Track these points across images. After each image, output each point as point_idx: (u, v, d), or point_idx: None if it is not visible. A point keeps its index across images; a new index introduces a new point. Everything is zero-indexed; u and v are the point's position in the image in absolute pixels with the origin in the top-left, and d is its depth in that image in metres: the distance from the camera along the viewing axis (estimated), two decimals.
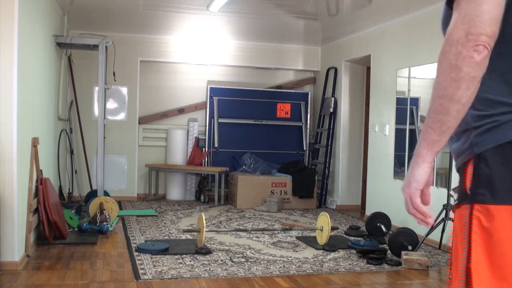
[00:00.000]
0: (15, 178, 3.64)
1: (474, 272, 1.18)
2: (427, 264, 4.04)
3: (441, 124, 1.19)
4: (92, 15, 6.10)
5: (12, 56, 3.59)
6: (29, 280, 3.48)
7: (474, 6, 1.13)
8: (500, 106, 1.21)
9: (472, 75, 1.14)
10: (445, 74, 1.16)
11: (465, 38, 1.13)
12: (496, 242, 1.18)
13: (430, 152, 1.24)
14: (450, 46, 1.15)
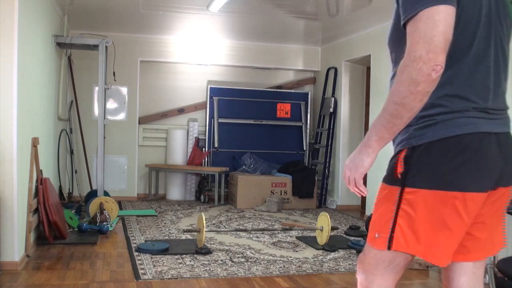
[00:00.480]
0: (15, 178, 3.64)
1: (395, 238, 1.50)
2: (427, 264, 4.04)
3: (393, 125, 1.42)
4: (92, 15, 6.10)
5: (12, 56, 3.59)
6: (29, 280, 3.48)
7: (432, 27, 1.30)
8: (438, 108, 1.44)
9: (427, 90, 1.34)
10: (405, 85, 1.35)
11: (426, 56, 1.30)
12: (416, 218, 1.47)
13: (379, 146, 1.52)
14: (412, 62, 1.32)
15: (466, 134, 1.43)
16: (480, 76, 1.46)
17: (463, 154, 1.43)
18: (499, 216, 1.62)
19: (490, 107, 1.48)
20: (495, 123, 1.49)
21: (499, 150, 1.48)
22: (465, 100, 1.45)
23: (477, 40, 1.45)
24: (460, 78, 1.44)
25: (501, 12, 1.51)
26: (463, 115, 1.44)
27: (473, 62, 1.45)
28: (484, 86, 1.47)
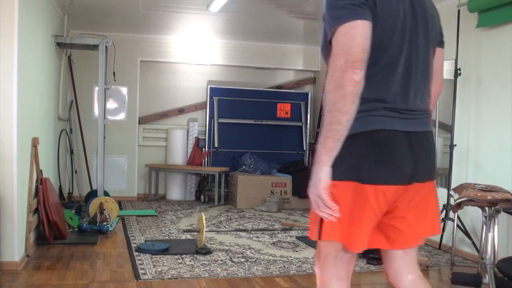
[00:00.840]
0: (15, 178, 3.64)
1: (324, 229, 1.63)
2: (427, 264, 4.04)
3: (335, 132, 1.52)
4: (92, 15, 6.10)
5: (12, 56, 3.59)
6: (29, 280, 3.48)
7: (350, 39, 1.49)
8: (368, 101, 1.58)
9: (354, 91, 1.49)
10: (334, 92, 1.49)
11: (345, 64, 1.47)
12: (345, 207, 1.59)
13: (328, 157, 1.55)
14: (335, 71, 1.49)
15: (374, 131, 1.58)
16: (391, 81, 1.61)
17: (372, 149, 1.58)
18: (422, 210, 1.73)
19: (403, 108, 1.63)
20: (407, 123, 1.63)
21: (409, 147, 1.62)
22: (376, 101, 1.60)
23: (389, 50, 1.61)
24: (372, 83, 1.58)
25: (419, 22, 1.67)
26: (372, 114, 1.59)
27: (384, 69, 1.61)
28: (395, 89, 1.62)
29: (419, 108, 1.69)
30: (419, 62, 1.68)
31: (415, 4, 1.67)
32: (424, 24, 1.69)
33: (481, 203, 3.60)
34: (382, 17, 1.57)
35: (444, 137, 5.00)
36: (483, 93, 4.43)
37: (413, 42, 1.66)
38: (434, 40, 1.76)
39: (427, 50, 1.72)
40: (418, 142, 1.66)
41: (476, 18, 4.39)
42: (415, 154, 1.64)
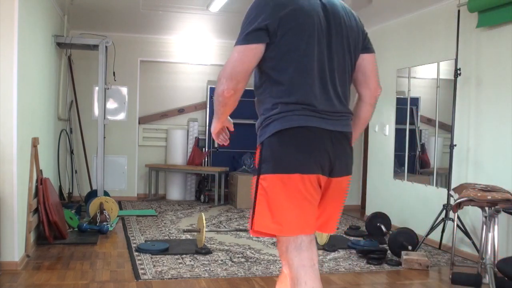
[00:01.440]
0: (15, 178, 3.64)
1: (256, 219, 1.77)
2: (427, 264, 4.04)
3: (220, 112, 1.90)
4: (92, 15, 6.10)
5: (12, 56, 3.59)
6: (29, 280, 3.48)
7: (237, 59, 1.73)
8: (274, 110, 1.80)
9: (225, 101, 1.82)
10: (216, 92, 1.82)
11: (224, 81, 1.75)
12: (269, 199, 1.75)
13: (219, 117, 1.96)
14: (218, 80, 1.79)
15: (296, 127, 1.76)
16: (307, 87, 1.78)
17: (293, 143, 1.76)
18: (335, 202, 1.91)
19: (322, 109, 1.79)
20: (328, 123, 1.81)
21: (331, 143, 1.81)
22: (295, 104, 1.77)
23: (301, 59, 1.77)
24: (290, 90, 1.78)
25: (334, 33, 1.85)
26: (294, 114, 1.77)
27: (298, 75, 1.77)
28: (312, 94, 1.78)
29: (338, 110, 1.86)
30: (335, 69, 1.85)
31: (329, 17, 1.84)
32: (340, 34, 1.86)
33: (481, 203, 3.60)
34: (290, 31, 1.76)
35: (444, 137, 5.00)
36: (483, 93, 4.42)
37: (327, 51, 1.83)
38: (354, 48, 1.95)
39: (344, 57, 1.89)
40: (337, 140, 1.84)
41: (476, 18, 4.39)
42: (334, 151, 1.82)
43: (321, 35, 1.82)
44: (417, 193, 5.31)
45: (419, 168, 5.64)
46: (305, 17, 1.78)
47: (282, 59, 1.77)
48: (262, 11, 1.74)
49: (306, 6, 1.80)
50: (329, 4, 1.88)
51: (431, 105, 5.21)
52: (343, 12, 1.92)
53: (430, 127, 5.31)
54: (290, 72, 1.78)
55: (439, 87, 5.07)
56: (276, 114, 1.79)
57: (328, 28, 1.84)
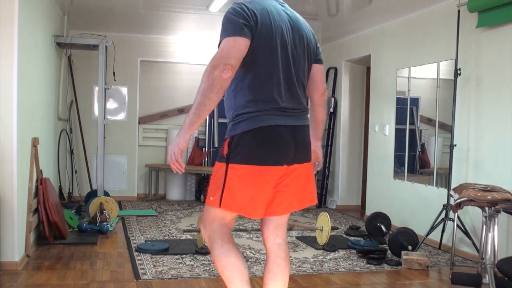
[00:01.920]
0: (15, 178, 3.64)
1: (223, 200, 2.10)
2: (427, 264, 4.04)
3: (200, 112, 1.99)
4: (92, 15, 6.10)
5: (12, 56, 3.59)
6: (29, 280, 3.48)
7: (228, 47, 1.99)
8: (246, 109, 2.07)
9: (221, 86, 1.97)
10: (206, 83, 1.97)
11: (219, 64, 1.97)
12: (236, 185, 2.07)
13: (191, 129, 2.04)
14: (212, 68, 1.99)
15: (265, 126, 2.07)
16: (274, 86, 2.09)
17: (263, 139, 2.07)
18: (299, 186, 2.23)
19: (285, 107, 2.12)
20: (290, 118, 2.13)
21: (292, 137, 2.13)
22: (265, 103, 2.08)
23: (269, 62, 2.08)
24: (259, 89, 2.08)
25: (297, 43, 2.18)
26: (264, 114, 2.07)
27: (266, 77, 2.08)
28: (278, 93, 2.10)
29: (298, 107, 2.19)
30: (297, 72, 2.18)
31: (294, 29, 2.19)
32: (301, 44, 2.21)
33: (481, 203, 3.60)
34: (262, 36, 2.06)
35: (444, 137, 5.00)
36: (483, 93, 4.43)
37: (291, 56, 2.15)
38: (310, 57, 2.27)
39: (304, 63, 2.23)
40: (298, 133, 2.17)
41: (476, 18, 4.39)
42: (296, 142, 2.15)
43: (287, 43, 2.15)
44: (417, 193, 5.31)
45: (419, 168, 5.64)
46: (275, 26, 2.11)
47: (253, 60, 2.06)
48: (243, 16, 2.03)
49: (276, 18, 2.13)
50: (294, 18, 2.23)
51: (431, 105, 5.22)
52: (304, 25, 2.27)
53: (430, 127, 5.31)
54: (260, 73, 2.08)
55: (439, 87, 5.07)
56: (247, 113, 2.08)
57: (293, 38, 2.18)
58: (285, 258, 2.29)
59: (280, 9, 2.20)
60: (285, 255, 2.29)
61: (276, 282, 2.25)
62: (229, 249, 2.19)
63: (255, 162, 2.06)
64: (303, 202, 2.29)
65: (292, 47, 2.16)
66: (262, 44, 2.06)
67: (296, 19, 2.24)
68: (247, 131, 2.06)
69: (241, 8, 2.05)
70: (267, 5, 2.15)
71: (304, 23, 2.28)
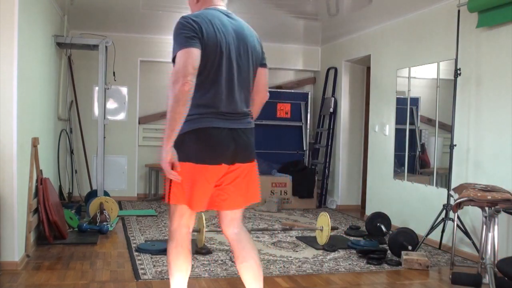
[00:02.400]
0: (15, 178, 3.63)
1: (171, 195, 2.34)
2: (427, 264, 4.04)
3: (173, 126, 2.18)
4: (92, 15, 6.10)
5: (12, 56, 3.59)
6: (29, 280, 3.48)
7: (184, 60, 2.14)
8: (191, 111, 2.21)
9: (185, 99, 2.14)
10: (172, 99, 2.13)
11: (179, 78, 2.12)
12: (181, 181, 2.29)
13: (170, 142, 2.22)
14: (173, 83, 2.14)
15: (204, 128, 2.27)
16: (216, 93, 2.29)
17: (202, 140, 2.28)
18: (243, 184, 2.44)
19: (225, 111, 2.31)
20: (230, 122, 2.34)
21: (232, 138, 2.34)
22: (206, 107, 2.28)
23: (214, 70, 2.27)
24: (201, 95, 2.26)
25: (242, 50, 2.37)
26: (203, 117, 2.28)
27: (209, 85, 2.27)
28: (219, 99, 2.29)
29: (241, 111, 2.39)
30: (241, 78, 2.37)
31: (239, 38, 2.37)
32: (246, 51, 2.39)
33: (481, 203, 3.60)
34: (208, 46, 2.23)
35: (444, 137, 5.00)
36: (483, 93, 4.43)
37: (235, 64, 2.33)
38: (255, 62, 2.46)
39: (249, 69, 2.41)
40: (238, 135, 2.37)
41: (476, 18, 4.39)
42: (236, 144, 2.35)
43: (231, 53, 2.32)
44: (417, 193, 5.31)
45: (419, 168, 5.64)
46: (220, 37, 2.29)
47: (201, 69, 2.23)
48: (191, 29, 2.21)
49: (221, 29, 2.32)
50: (239, 27, 2.42)
51: (431, 105, 5.22)
52: (249, 34, 2.46)
53: (430, 127, 5.31)
54: (204, 81, 2.26)
55: (439, 87, 5.07)
56: (190, 115, 2.23)
57: (238, 47, 2.36)
58: (248, 241, 2.51)
59: (225, 19, 2.39)
60: (246, 239, 2.51)
61: (248, 262, 2.45)
62: (179, 252, 2.42)
63: (194, 160, 2.28)
64: (248, 199, 2.50)
65: (237, 56, 2.35)
66: (208, 55, 2.24)
67: (241, 28, 2.43)
68: (187, 132, 2.26)
69: (187, 22, 2.23)
70: (212, 17, 2.33)
71: (249, 31, 2.48)
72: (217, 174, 2.35)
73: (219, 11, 2.44)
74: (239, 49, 2.37)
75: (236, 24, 2.43)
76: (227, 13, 2.47)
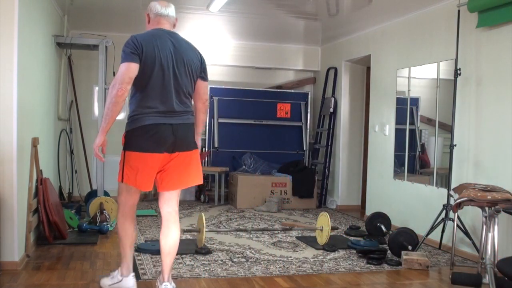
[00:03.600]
0: (15, 178, 3.63)
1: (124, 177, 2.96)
2: (427, 264, 4.04)
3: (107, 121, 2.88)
4: (92, 15, 6.10)
5: (12, 56, 3.59)
6: (29, 280, 3.48)
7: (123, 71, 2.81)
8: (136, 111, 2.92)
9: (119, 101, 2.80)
10: (109, 98, 2.82)
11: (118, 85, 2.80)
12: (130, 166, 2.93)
13: (103, 132, 2.93)
14: (112, 87, 2.83)
15: (147, 124, 2.89)
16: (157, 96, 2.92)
17: (145, 133, 2.90)
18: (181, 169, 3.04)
19: (165, 110, 2.93)
20: (168, 118, 2.94)
21: (171, 132, 2.94)
22: (149, 108, 2.91)
23: (153, 79, 2.91)
24: (144, 99, 2.92)
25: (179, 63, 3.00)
26: (146, 115, 2.91)
27: (151, 89, 2.92)
28: (159, 101, 2.92)
29: (178, 110, 2.98)
30: (177, 84, 2.97)
31: (177, 53, 3.00)
32: (182, 63, 3.01)
33: (481, 203, 3.60)
34: (147, 59, 2.87)
35: (444, 137, 5.00)
36: (483, 93, 4.43)
37: (171, 73, 2.95)
38: (193, 74, 3.09)
39: (185, 77, 3.03)
40: (177, 129, 2.96)
41: (476, 18, 4.39)
42: (175, 136, 2.95)
43: (169, 65, 2.94)
44: (417, 193, 5.31)
45: (419, 168, 5.64)
46: (158, 53, 2.91)
47: (142, 78, 2.88)
48: (133, 47, 2.84)
49: (160, 46, 2.93)
50: (178, 45, 3.04)
51: (431, 105, 5.22)
52: (187, 49, 3.10)
53: (430, 127, 5.31)
54: (146, 87, 2.91)
55: (439, 87, 5.07)
56: (136, 114, 2.92)
57: (175, 59, 2.97)
58: (174, 222, 3.18)
59: (167, 38, 3.00)
60: (173, 220, 3.18)
61: (166, 237, 3.15)
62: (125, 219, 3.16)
63: (139, 150, 2.90)
64: (188, 182, 3.11)
65: (173, 67, 2.96)
66: (147, 66, 2.87)
67: (180, 46, 3.05)
68: (135, 128, 2.91)
69: (132, 40, 2.87)
70: (154, 36, 2.97)
71: (189, 47, 3.13)
72: (161, 161, 2.95)
73: (163, 31, 3.06)
74: (176, 61, 2.97)
75: (176, 42, 3.05)
76: (169, 33, 3.08)
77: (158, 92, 2.91)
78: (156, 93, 2.90)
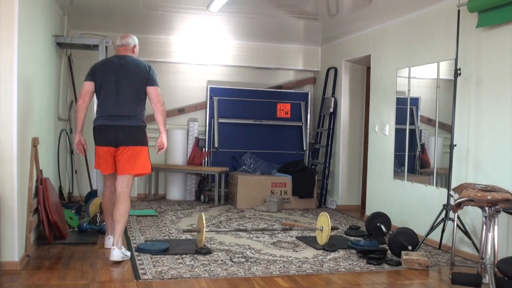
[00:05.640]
0: (15, 178, 3.63)
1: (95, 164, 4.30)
2: (427, 264, 4.04)
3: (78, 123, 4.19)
4: (92, 15, 6.10)
5: (12, 56, 3.59)
6: (29, 280, 3.48)
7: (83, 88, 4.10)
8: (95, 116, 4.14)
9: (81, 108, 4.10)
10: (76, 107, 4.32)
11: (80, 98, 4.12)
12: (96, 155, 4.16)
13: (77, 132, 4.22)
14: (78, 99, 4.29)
15: (99, 124, 4.03)
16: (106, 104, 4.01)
17: (98, 132, 4.04)
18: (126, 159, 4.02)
19: (111, 114, 3.98)
20: (113, 120, 3.97)
21: (114, 131, 3.96)
22: (101, 113, 4.03)
23: (103, 92, 4.02)
24: (99, 106, 4.06)
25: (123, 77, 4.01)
26: (98, 118, 4.04)
27: (102, 99, 4.03)
28: (108, 107, 4.00)
29: (123, 114, 3.98)
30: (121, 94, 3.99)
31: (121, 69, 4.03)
32: (126, 77, 4.01)
33: (481, 203, 3.60)
34: (99, 78, 4.03)
35: (444, 137, 5.00)
36: (483, 93, 4.43)
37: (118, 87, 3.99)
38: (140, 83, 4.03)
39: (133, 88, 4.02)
40: (118, 129, 3.97)
41: (476, 18, 4.39)
42: (117, 134, 3.96)
43: (115, 79, 3.99)
44: (417, 193, 5.31)
45: (419, 168, 5.64)
46: (107, 72, 4.03)
47: (97, 91, 4.04)
48: (91, 70, 4.10)
49: (110, 66, 4.05)
50: (124, 63, 4.05)
51: (431, 105, 5.22)
52: (132, 65, 4.05)
53: (430, 127, 5.32)
54: (100, 97, 4.04)
55: (439, 87, 5.07)
56: (96, 118, 4.07)
57: (119, 75, 4.01)
58: (123, 198, 4.03)
59: (115, 60, 4.07)
60: (122, 197, 4.03)
61: (116, 209, 3.99)
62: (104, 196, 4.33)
63: (96, 143, 4.06)
64: (133, 169, 4.10)
65: (120, 80, 3.98)
66: (100, 83, 4.02)
67: (125, 64, 4.04)
68: (94, 127, 4.07)
69: (92, 66, 4.13)
70: (104, 62, 4.21)
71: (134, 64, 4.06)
72: (110, 152, 4.00)
73: (116, 56, 4.14)
74: (121, 77, 3.99)
75: (124, 62, 4.06)
76: (119, 57, 4.11)
77: (107, 101, 3.99)
78: (106, 102, 3.99)
